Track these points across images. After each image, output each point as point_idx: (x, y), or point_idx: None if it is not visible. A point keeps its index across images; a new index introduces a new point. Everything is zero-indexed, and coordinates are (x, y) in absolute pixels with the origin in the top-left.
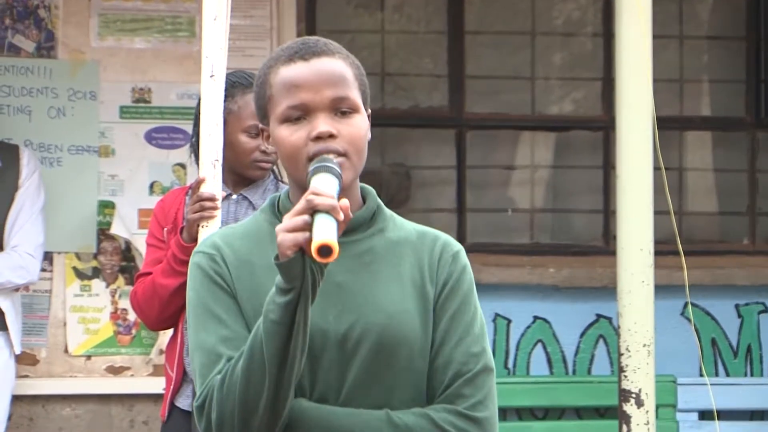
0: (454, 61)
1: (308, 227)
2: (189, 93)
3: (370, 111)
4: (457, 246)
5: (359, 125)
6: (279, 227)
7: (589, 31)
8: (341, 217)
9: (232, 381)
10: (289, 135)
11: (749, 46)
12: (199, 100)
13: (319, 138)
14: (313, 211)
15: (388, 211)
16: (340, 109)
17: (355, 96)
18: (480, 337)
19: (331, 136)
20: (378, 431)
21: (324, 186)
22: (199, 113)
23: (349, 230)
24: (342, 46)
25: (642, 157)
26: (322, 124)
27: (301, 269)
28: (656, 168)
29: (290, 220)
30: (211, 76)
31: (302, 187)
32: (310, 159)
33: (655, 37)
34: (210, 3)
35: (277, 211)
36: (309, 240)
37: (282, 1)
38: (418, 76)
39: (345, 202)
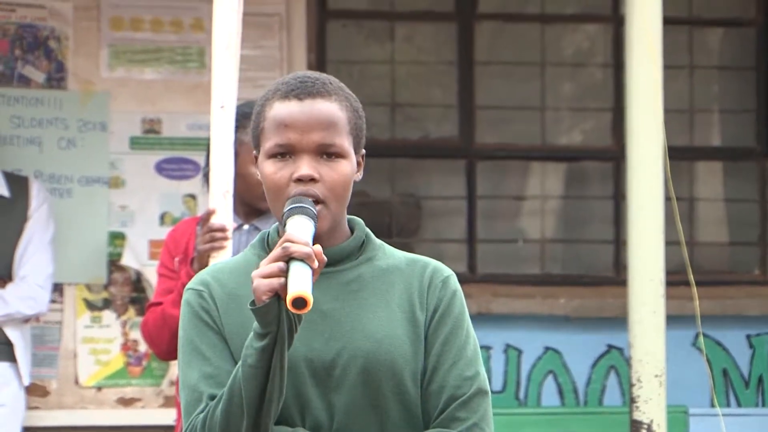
0: (463, 91)
1: (283, 273)
2: (199, 124)
3: (364, 152)
4: (448, 272)
5: (343, 171)
6: (254, 273)
7: (599, 62)
8: (315, 264)
9: (213, 422)
10: (274, 172)
11: (759, 76)
12: None
13: (300, 180)
14: (288, 258)
15: (377, 241)
16: (326, 152)
17: (344, 141)
18: (473, 360)
19: (312, 179)
20: None
21: (299, 232)
22: None
23: (336, 260)
24: (351, 76)
25: (653, 187)
26: (305, 167)
27: (277, 314)
28: (667, 198)
29: (266, 266)
30: (222, 106)
31: (284, 223)
32: (290, 199)
33: (665, 67)
34: (221, 32)
35: (267, 246)
36: (284, 286)
37: (292, 31)
38: (428, 106)
39: (318, 247)
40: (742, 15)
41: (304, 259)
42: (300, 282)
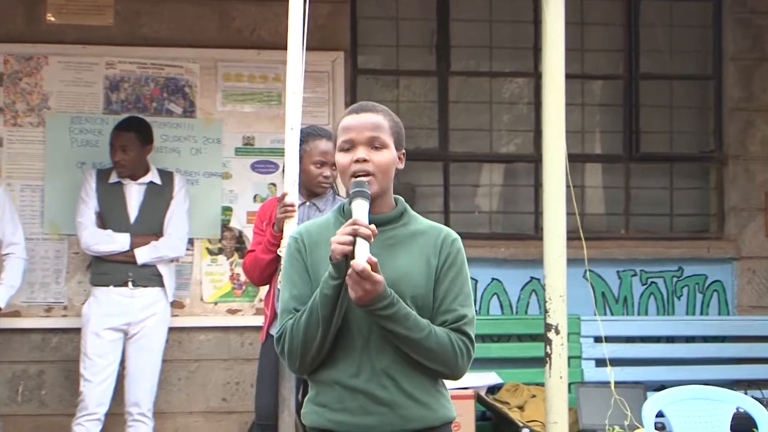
0: (441, 120)
1: (351, 244)
2: (278, 139)
3: (404, 151)
4: (456, 235)
5: (385, 155)
6: (333, 239)
7: (525, 101)
8: (372, 240)
9: (299, 326)
10: (342, 158)
11: (625, 110)
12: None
13: (357, 161)
14: (355, 234)
15: (413, 212)
16: (374, 144)
17: (386, 138)
18: (468, 296)
19: (365, 160)
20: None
21: (362, 215)
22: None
23: (381, 224)
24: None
25: (558, 179)
26: (360, 152)
27: (344, 266)
28: (567, 186)
29: (341, 236)
30: (291, 128)
31: (350, 200)
32: (352, 175)
33: (566, 104)
34: (291, 82)
35: (342, 212)
36: (351, 251)
37: (335, 82)
38: (420, 128)
39: (373, 227)
40: (613, 72)
41: (366, 238)
42: (361, 254)
